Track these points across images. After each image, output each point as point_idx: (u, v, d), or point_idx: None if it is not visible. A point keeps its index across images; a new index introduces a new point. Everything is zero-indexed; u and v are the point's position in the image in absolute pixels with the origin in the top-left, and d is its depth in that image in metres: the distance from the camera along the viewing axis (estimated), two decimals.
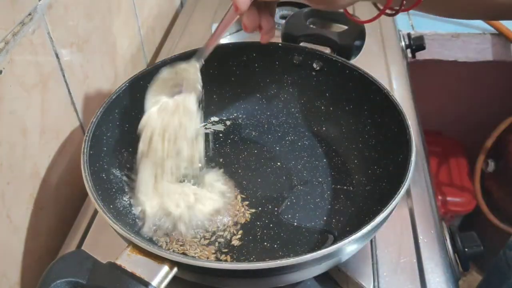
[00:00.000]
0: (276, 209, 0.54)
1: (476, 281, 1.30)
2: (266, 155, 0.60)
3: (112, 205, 0.49)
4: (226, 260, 0.48)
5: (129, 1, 0.74)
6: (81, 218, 0.58)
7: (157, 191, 0.51)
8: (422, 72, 1.01)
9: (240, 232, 0.51)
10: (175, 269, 0.38)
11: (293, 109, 0.63)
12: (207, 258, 0.49)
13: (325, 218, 0.53)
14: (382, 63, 0.80)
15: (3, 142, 0.46)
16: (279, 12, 0.90)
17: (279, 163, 0.59)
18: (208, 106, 0.64)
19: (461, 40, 1.00)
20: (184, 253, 0.48)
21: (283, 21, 0.67)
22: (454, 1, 0.51)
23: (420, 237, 0.53)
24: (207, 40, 0.50)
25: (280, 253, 0.49)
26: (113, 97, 0.53)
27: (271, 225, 0.52)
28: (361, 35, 0.61)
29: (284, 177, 0.57)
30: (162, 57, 0.84)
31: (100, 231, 0.55)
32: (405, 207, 0.57)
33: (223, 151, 0.61)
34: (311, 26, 0.65)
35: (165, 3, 0.93)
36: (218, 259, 0.48)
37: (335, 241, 0.49)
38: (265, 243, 0.50)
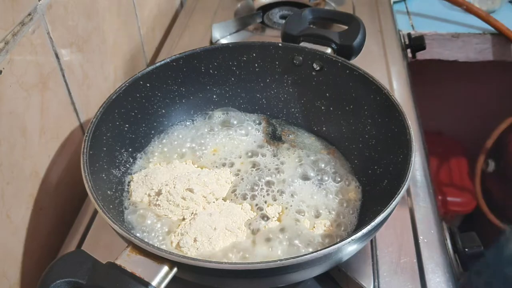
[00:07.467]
0: None
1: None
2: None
3: (112, 205, 0.49)
4: None
5: (129, 1, 0.74)
6: (81, 218, 0.58)
7: None
8: (422, 72, 1.01)
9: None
10: (175, 269, 0.38)
11: (293, 109, 0.63)
12: None
13: None
14: (382, 63, 0.80)
15: (3, 142, 0.46)
16: (279, 12, 0.90)
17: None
18: (207, 106, 0.64)
19: (461, 40, 1.00)
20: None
21: (283, 21, 0.67)
22: None
23: (420, 237, 0.53)
24: None
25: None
26: (113, 97, 0.53)
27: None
28: (361, 35, 0.61)
29: None
30: (162, 57, 0.84)
31: (100, 231, 0.55)
32: (405, 207, 0.57)
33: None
34: (311, 26, 0.65)
35: (165, 3, 0.93)
36: None
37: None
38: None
